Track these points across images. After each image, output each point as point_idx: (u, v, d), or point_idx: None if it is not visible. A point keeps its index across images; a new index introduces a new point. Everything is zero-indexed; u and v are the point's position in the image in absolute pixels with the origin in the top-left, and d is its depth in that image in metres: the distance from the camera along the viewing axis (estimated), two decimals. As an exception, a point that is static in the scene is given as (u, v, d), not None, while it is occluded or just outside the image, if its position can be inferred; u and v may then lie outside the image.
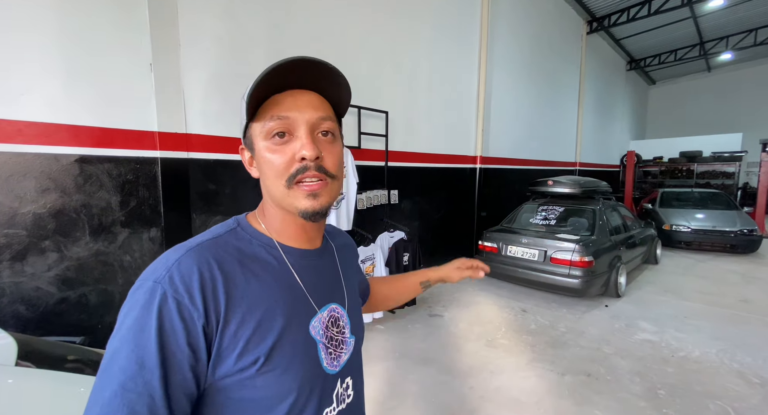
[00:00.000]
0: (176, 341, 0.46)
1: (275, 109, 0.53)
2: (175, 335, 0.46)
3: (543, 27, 7.08)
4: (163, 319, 0.46)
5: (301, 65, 0.52)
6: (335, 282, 0.67)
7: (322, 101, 0.57)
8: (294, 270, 0.59)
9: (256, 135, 0.56)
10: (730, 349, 3.03)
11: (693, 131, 13.66)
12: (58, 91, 2.09)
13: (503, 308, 3.95)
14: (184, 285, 0.48)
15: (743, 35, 10.76)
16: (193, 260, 0.50)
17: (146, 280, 0.49)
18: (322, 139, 0.56)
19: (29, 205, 2.04)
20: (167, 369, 0.45)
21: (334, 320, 0.63)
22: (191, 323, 0.47)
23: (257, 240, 0.59)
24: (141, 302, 0.47)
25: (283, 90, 0.54)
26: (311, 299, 0.59)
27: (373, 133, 3.84)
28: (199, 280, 0.49)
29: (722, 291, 4.53)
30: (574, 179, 5.12)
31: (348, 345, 0.64)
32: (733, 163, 9.33)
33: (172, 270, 0.49)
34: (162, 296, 0.46)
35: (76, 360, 1.23)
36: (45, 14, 2.03)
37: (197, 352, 0.47)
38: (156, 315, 0.46)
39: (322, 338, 0.59)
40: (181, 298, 0.47)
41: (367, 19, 3.83)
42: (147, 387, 0.43)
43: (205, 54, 2.65)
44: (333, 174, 0.56)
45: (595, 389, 2.47)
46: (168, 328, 0.46)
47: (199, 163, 2.67)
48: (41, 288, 2.08)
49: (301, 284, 0.59)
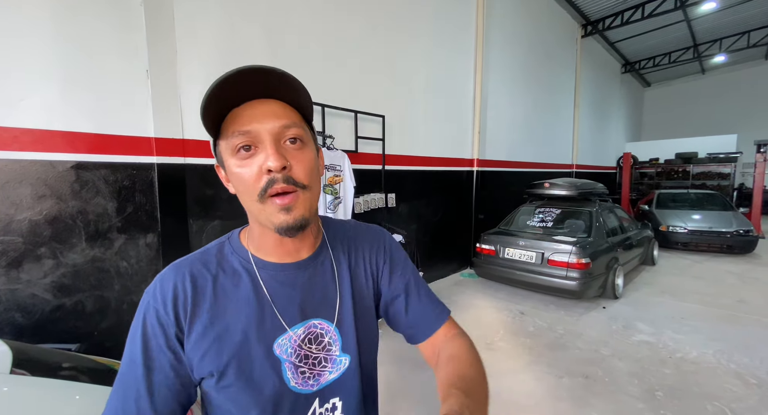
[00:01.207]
0: (156, 344, 0.53)
1: (236, 124, 0.51)
2: (155, 338, 0.53)
3: (538, 31, 7.14)
4: (146, 325, 0.54)
5: (251, 75, 0.49)
6: (324, 296, 0.62)
7: (284, 108, 0.53)
8: (266, 286, 0.58)
9: (224, 152, 0.54)
10: (727, 350, 3.04)
11: (688, 133, 13.73)
12: (54, 97, 2.10)
13: (501, 311, 3.95)
14: (161, 296, 0.55)
15: (736, 37, 10.86)
16: (172, 274, 0.57)
17: (145, 292, 0.57)
18: (290, 147, 0.53)
19: (25, 212, 2.03)
20: (149, 368, 0.52)
21: (314, 336, 0.59)
22: (168, 328, 0.53)
23: (237, 254, 0.61)
24: (137, 312, 0.56)
25: (241, 103, 0.52)
26: (280, 315, 0.57)
27: (370, 137, 3.85)
28: (173, 292, 0.55)
29: (719, 292, 4.55)
30: (571, 181, 5.15)
31: (335, 363, 0.60)
32: (728, 165, 9.39)
33: (157, 283, 0.56)
34: (146, 306, 0.55)
35: (71, 368, 1.22)
36: (41, 21, 2.04)
37: (177, 353, 0.53)
38: (142, 322, 0.54)
39: (290, 357, 0.57)
40: (159, 307, 0.54)
41: (363, 25, 3.85)
42: (135, 381, 0.51)
43: (202, 60, 2.66)
44: (303, 184, 0.53)
45: (593, 391, 2.47)
46: (150, 332, 0.53)
47: (196, 169, 2.67)
48: (37, 295, 2.07)
49: (270, 301, 0.58)
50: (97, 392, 1.14)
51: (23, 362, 1.13)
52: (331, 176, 3.22)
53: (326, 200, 3.19)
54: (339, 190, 3.30)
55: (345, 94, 3.66)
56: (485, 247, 4.59)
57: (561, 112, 8.46)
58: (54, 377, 1.13)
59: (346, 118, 3.66)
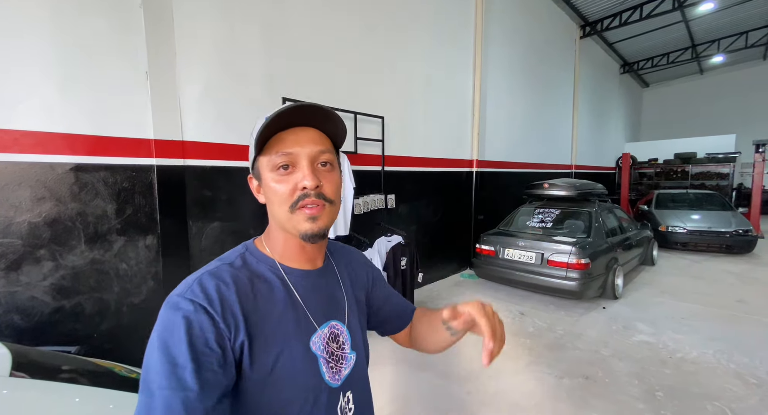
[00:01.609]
0: (205, 340, 0.51)
1: (281, 146, 0.60)
2: (203, 334, 0.51)
3: (536, 32, 7.15)
4: (191, 321, 0.51)
5: (302, 109, 0.59)
6: (336, 300, 0.71)
7: (321, 136, 0.63)
8: (295, 289, 0.64)
9: (263, 167, 0.62)
10: (727, 350, 3.04)
11: (687, 133, 13.76)
12: (54, 100, 2.10)
13: (501, 311, 3.95)
14: (205, 295, 0.54)
15: (734, 38, 10.90)
16: (211, 277, 0.58)
17: (169, 299, 0.55)
18: (322, 169, 0.62)
19: (24, 215, 2.03)
20: (199, 365, 0.49)
21: (334, 336, 0.67)
22: (216, 325, 0.53)
23: (264, 262, 0.65)
24: (167, 314, 0.53)
25: (286, 128, 0.61)
26: (311, 316, 0.64)
27: (370, 138, 3.86)
28: (218, 292, 0.55)
29: (718, 292, 4.55)
30: (570, 182, 5.15)
31: (348, 360, 0.68)
32: (727, 165, 9.42)
33: (193, 286, 0.56)
34: (186, 305, 0.53)
35: (71, 370, 1.22)
36: (40, 23, 2.04)
37: (225, 351, 0.53)
38: (183, 321, 0.51)
39: (322, 353, 0.64)
40: (205, 303, 0.54)
41: (362, 25, 3.86)
42: (180, 382, 0.47)
43: (201, 61, 2.66)
44: (331, 199, 0.63)
45: (593, 392, 2.47)
46: (196, 328, 0.51)
47: (196, 170, 2.67)
48: (36, 297, 2.07)
49: (302, 303, 0.64)
50: (96, 395, 1.14)
51: (23, 364, 1.13)
52: (330, 177, 3.22)
53: (326, 202, 3.18)
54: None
55: (344, 95, 3.67)
56: (485, 247, 4.59)
57: (560, 113, 8.48)
58: (53, 380, 1.13)
59: (345, 120, 3.64)
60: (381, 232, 3.68)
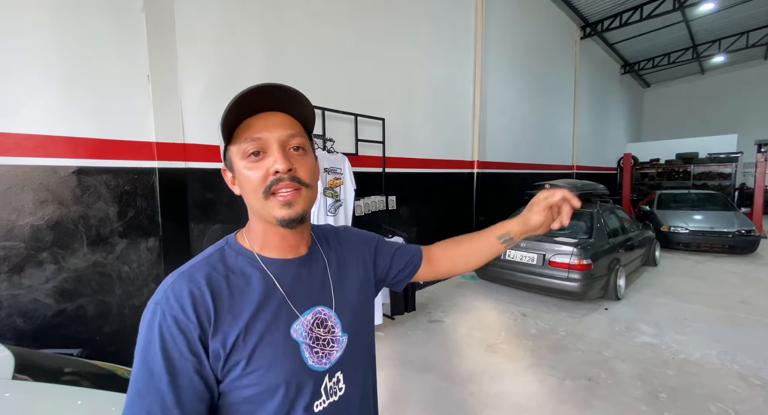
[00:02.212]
0: (178, 350, 0.53)
1: (249, 132, 0.60)
2: (176, 344, 0.53)
3: (536, 33, 7.16)
4: (164, 333, 0.54)
5: (266, 91, 0.59)
6: (323, 285, 0.71)
7: (290, 120, 0.63)
8: (277, 280, 0.65)
9: (234, 156, 0.62)
10: (730, 351, 3.02)
11: (688, 133, 13.73)
12: (56, 103, 2.11)
13: (503, 313, 3.94)
14: (178, 303, 0.55)
15: (735, 38, 10.88)
16: (184, 281, 0.58)
17: (150, 304, 0.57)
18: (294, 153, 0.62)
19: (27, 218, 2.04)
20: (173, 374, 0.53)
21: (321, 321, 0.67)
22: (188, 333, 0.54)
23: (242, 255, 0.65)
24: (146, 323, 0.55)
25: (254, 114, 0.61)
26: (292, 304, 0.64)
27: (371, 140, 3.86)
28: (190, 297, 0.56)
29: (721, 292, 4.53)
30: (571, 182, 5.15)
31: (339, 343, 0.69)
32: (729, 165, 9.38)
33: (167, 292, 0.57)
34: (161, 315, 0.55)
35: (73, 373, 1.23)
36: (42, 27, 2.06)
37: (199, 357, 0.55)
38: (157, 331, 0.54)
39: (305, 339, 0.64)
40: (176, 313, 0.55)
41: (362, 28, 3.87)
42: (158, 391, 0.52)
43: (202, 64, 2.68)
44: (307, 183, 0.62)
45: (596, 394, 2.46)
46: (169, 339, 0.53)
47: (197, 173, 2.68)
48: (39, 300, 2.08)
49: (282, 292, 0.64)
50: (98, 397, 1.14)
51: (25, 367, 1.14)
52: (331, 179, 3.23)
53: (327, 203, 3.19)
54: (339, 193, 3.30)
55: (345, 98, 3.67)
56: (486, 249, 4.57)
57: (561, 114, 8.48)
58: (56, 383, 1.14)
59: (346, 122, 3.67)
60: (382, 233, 3.68)
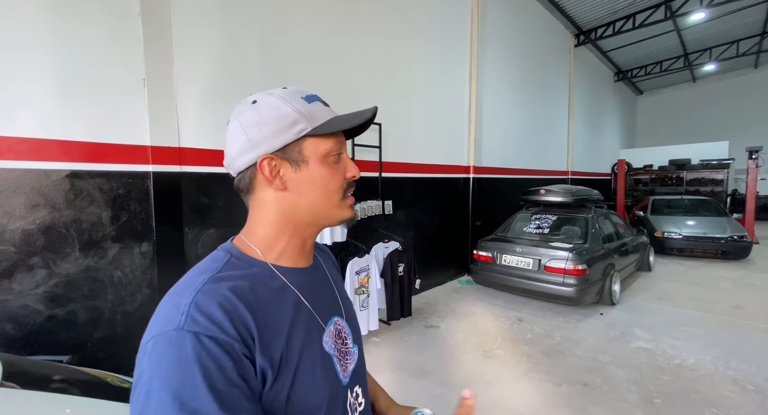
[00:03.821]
0: (227, 379, 0.43)
1: (338, 134, 0.60)
2: (223, 372, 0.43)
3: (531, 40, 7.25)
4: (205, 361, 0.42)
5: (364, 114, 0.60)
6: (332, 294, 0.68)
7: None
8: (298, 290, 0.59)
9: (313, 150, 0.57)
10: (724, 356, 3.04)
11: (681, 140, 13.91)
12: (50, 106, 2.10)
13: (499, 318, 3.94)
14: (212, 321, 0.45)
15: (726, 47, 11.09)
16: (208, 296, 0.47)
17: (163, 332, 0.44)
18: None
19: (18, 222, 2.01)
20: (230, 411, 0.41)
21: (338, 332, 0.63)
22: (234, 354, 0.45)
23: (257, 267, 0.56)
24: (168, 356, 0.42)
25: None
26: (317, 315, 0.60)
27: (367, 144, 3.87)
28: (224, 312, 0.46)
29: (715, 297, 4.57)
30: (566, 188, 5.18)
31: (352, 355, 0.65)
32: (721, 171, 9.50)
33: (191, 313, 0.45)
34: (194, 340, 0.43)
35: (62, 380, 1.20)
36: (38, 30, 2.05)
37: (249, 381, 0.46)
38: (195, 361, 0.42)
39: (335, 352, 0.60)
40: (215, 333, 0.44)
41: (360, 34, 3.90)
42: None
43: (198, 69, 2.67)
44: None
45: (592, 399, 2.46)
46: (213, 368, 0.42)
47: (192, 177, 2.66)
48: (29, 306, 2.04)
49: (306, 303, 0.59)
50: (88, 406, 1.12)
51: (13, 374, 1.11)
52: (327, 184, 3.22)
53: (323, 208, 3.18)
54: None
55: (341, 102, 3.68)
56: (482, 253, 4.59)
57: (555, 120, 8.56)
58: (44, 390, 1.11)
59: (342, 126, 3.67)
60: (378, 238, 3.67)
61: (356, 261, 3.23)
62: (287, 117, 0.55)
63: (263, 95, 0.57)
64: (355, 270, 3.20)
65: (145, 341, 0.45)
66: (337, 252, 3.37)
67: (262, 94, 0.57)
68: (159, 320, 0.46)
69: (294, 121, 0.55)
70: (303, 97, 0.57)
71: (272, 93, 0.57)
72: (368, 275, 3.35)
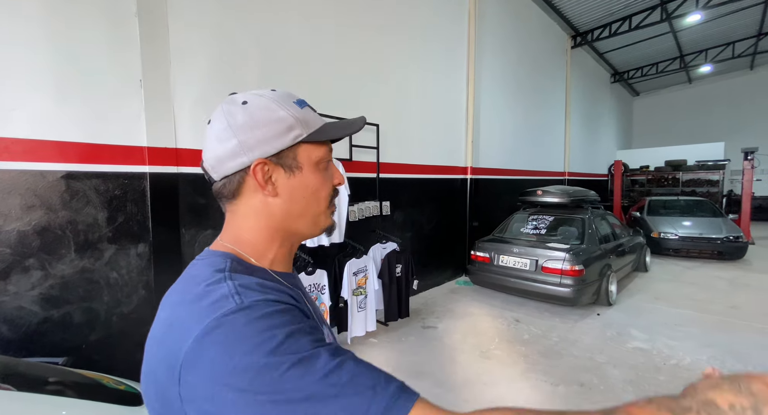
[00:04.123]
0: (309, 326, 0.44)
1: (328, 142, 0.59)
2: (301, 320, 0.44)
3: (528, 42, 7.27)
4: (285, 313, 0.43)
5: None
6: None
7: None
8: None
9: (307, 157, 0.55)
10: (720, 356, 3.05)
11: (677, 141, 13.99)
12: (46, 107, 2.09)
13: (496, 319, 3.95)
14: (263, 292, 0.45)
15: (721, 48, 11.17)
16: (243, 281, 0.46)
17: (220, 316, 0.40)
18: None
19: (14, 223, 2.00)
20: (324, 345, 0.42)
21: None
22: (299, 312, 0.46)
23: (259, 273, 0.53)
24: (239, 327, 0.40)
25: None
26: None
27: (365, 145, 3.87)
28: (269, 288, 0.47)
29: (711, 298, 4.59)
30: (563, 189, 5.20)
31: None
32: (717, 172, 9.57)
33: (240, 291, 0.44)
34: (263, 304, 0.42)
35: (58, 382, 1.20)
36: (35, 30, 2.04)
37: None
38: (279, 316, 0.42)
39: None
40: (278, 297, 0.45)
41: (357, 36, 3.90)
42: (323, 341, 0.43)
43: (195, 69, 2.67)
44: None
45: (589, 399, 2.47)
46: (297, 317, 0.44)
47: (189, 178, 2.66)
48: (24, 307, 2.03)
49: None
50: (84, 408, 1.11)
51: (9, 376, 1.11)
52: (325, 185, 3.22)
53: (320, 209, 3.18)
54: None
55: (339, 103, 3.69)
56: (480, 254, 4.60)
57: (552, 121, 8.59)
58: (40, 392, 1.11)
59: (340, 127, 3.67)
60: (376, 239, 3.67)
61: (354, 262, 3.23)
62: (283, 121, 0.52)
63: (253, 96, 0.53)
64: (352, 271, 3.20)
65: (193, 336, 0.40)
66: (335, 253, 3.36)
67: (251, 94, 0.54)
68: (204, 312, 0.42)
69: (290, 126, 0.53)
70: (295, 102, 0.55)
71: (263, 95, 0.54)
72: (366, 275, 3.35)
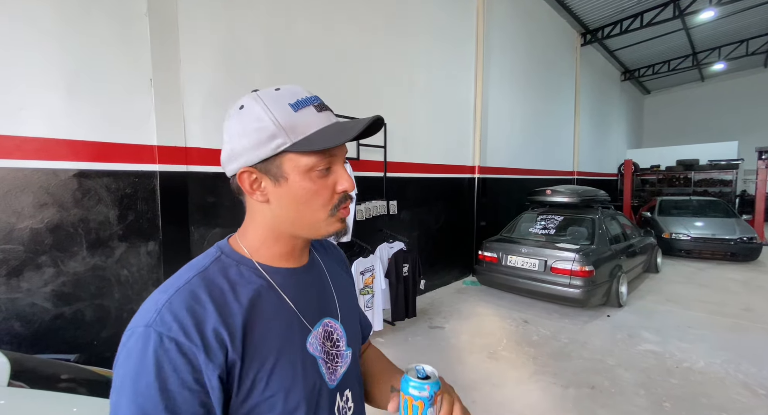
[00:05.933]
0: (179, 381, 0.45)
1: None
2: (176, 374, 0.45)
3: (537, 40, 7.19)
4: (161, 361, 0.45)
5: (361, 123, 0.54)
6: (327, 295, 0.66)
7: None
8: (282, 290, 0.59)
9: (293, 166, 0.54)
10: (734, 359, 2.99)
11: (689, 140, 13.75)
12: (57, 106, 2.11)
13: (505, 319, 3.91)
14: (178, 324, 0.47)
15: (735, 46, 10.94)
16: (183, 297, 0.50)
17: (137, 326, 0.48)
18: None
19: (27, 221, 2.03)
20: (174, 412, 0.44)
21: (328, 334, 0.63)
22: (193, 358, 0.46)
23: (243, 265, 0.58)
24: (135, 350, 0.46)
25: None
26: (303, 317, 0.59)
27: (372, 144, 3.86)
28: (192, 317, 0.48)
29: (724, 300, 4.50)
30: (573, 188, 5.14)
31: (344, 358, 0.64)
32: (730, 171, 9.39)
33: (162, 312, 0.48)
34: (156, 339, 0.46)
35: (69, 379, 1.21)
36: (46, 30, 2.06)
37: (204, 386, 0.47)
38: (153, 359, 0.45)
39: (320, 354, 0.60)
40: (178, 335, 0.46)
41: (365, 34, 3.89)
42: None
43: (205, 69, 2.68)
44: (352, 196, 0.62)
45: (600, 402, 2.43)
46: (168, 369, 0.45)
47: (198, 177, 2.67)
48: (36, 304, 2.06)
49: (290, 304, 0.59)
50: (95, 405, 1.12)
51: (21, 373, 1.12)
52: (332, 184, 3.22)
53: (328, 208, 3.18)
54: None
55: (347, 102, 3.68)
56: (487, 254, 4.56)
57: (561, 120, 8.49)
58: (52, 389, 1.11)
59: (347, 126, 3.66)
60: (383, 238, 3.66)
61: (361, 261, 3.22)
62: (265, 130, 0.52)
63: (251, 101, 0.54)
64: (359, 270, 3.19)
65: (127, 330, 0.49)
66: (342, 252, 3.36)
67: (250, 98, 0.54)
68: (140, 313, 0.49)
69: (272, 135, 0.52)
70: (291, 104, 0.53)
71: (260, 98, 0.53)
72: (373, 275, 3.34)
